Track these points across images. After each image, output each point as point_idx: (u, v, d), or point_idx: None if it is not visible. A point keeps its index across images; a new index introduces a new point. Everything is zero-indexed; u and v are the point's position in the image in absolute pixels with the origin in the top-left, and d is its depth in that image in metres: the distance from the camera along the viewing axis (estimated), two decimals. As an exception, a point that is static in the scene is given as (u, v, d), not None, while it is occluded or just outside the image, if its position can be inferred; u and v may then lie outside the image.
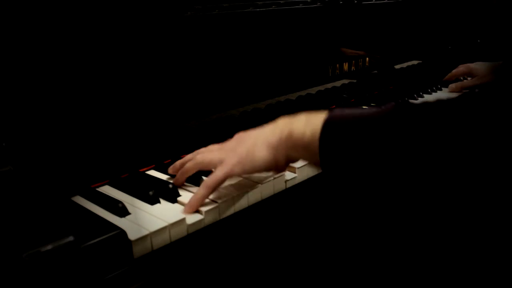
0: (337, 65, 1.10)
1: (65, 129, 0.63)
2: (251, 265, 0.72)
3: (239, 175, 0.62)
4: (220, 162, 0.61)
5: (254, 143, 0.60)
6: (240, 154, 0.60)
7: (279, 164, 0.60)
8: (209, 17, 0.79)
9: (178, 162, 0.67)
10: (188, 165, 0.65)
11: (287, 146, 0.57)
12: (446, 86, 1.36)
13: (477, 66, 1.27)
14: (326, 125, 0.52)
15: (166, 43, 0.74)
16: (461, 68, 1.31)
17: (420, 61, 1.45)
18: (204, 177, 0.67)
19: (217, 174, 0.60)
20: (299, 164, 0.70)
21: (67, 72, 0.63)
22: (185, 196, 0.63)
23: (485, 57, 1.64)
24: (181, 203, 0.61)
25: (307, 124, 0.54)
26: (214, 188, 0.60)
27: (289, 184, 0.70)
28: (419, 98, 1.22)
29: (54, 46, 0.61)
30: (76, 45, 0.63)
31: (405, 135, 0.46)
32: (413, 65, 1.41)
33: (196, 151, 0.68)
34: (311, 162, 0.59)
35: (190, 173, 0.65)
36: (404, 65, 1.38)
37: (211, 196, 0.61)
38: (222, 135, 0.85)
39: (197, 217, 0.58)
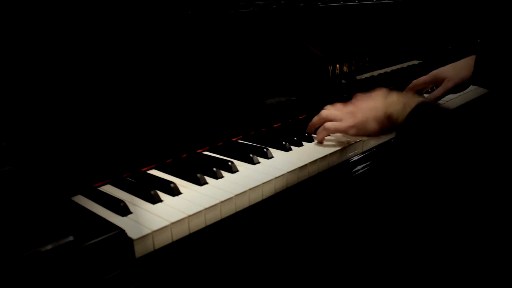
0: (337, 65, 1.10)
1: (66, 128, 0.63)
2: (253, 265, 0.72)
3: (352, 135, 0.80)
4: (340, 119, 0.80)
5: (368, 113, 0.77)
6: (357, 121, 0.78)
7: (381, 132, 0.78)
8: (210, 17, 0.79)
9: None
10: (315, 119, 0.84)
11: (387, 121, 0.75)
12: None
13: (441, 73, 1.05)
14: (411, 113, 0.69)
15: (166, 43, 0.74)
16: (427, 79, 1.08)
17: (420, 61, 1.45)
18: (202, 175, 0.67)
19: (340, 125, 0.79)
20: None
21: (68, 71, 0.63)
22: (187, 194, 0.63)
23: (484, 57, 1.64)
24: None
25: (403, 110, 0.72)
26: (332, 132, 0.82)
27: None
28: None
29: (55, 45, 0.61)
30: (77, 45, 0.63)
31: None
32: (413, 65, 1.41)
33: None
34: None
35: (317, 125, 0.84)
36: (405, 65, 1.38)
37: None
38: (223, 136, 0.85)
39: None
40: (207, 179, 0.67)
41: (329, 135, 0.84)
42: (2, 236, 0.46)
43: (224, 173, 0.70)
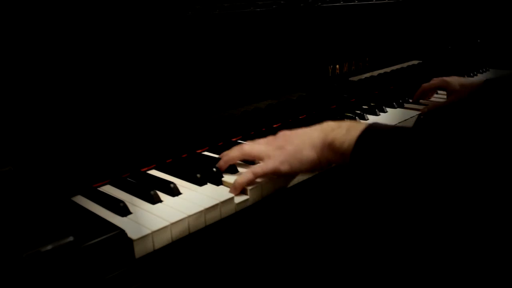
0: (337, 65, 1.10)
1: (66, 129, 0.63)
2: (252, 265, 0.72)
3: (284, 172, 0.64)
4: (268, 156, 0.65)
5: (301, 143, 0.64)
6: (288, 153, 0.63)
7: (322, 165, 0.64)
8: (210, 17, 0.79)
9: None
10: (233, 153, 0.68)
11: (328, 150, 0.62)
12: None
13: (454, 81, 1.11)
14: (361, 135, 0.57)
15: (166, 43, 0.74)
16: (436, 81, 1.15)
17: (420, 61, 1.45)
18: (202, 175, 0.67)
19: (267, 166, 0.64)
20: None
21: (68, 71, 0.63)
22: (186, 194, 0.63)
23: (485, 57, 1.65)
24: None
25: (347, 134, 0.59)
26: (260, 177, 0.65)
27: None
28: (419, 98, 1.22)
29: (54, 45, 0.61)
30: (77, 45, 0.63)
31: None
32: (413, 65, 1.41)
33: (242, 144, 0.71)
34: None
35: (234, 161, 0.69)
36: (404, 65, 1.38)
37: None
38: (223, 136, 0.85)
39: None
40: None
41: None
42: (2, 236, 0.46)
43: (224, 173, 0.69)
